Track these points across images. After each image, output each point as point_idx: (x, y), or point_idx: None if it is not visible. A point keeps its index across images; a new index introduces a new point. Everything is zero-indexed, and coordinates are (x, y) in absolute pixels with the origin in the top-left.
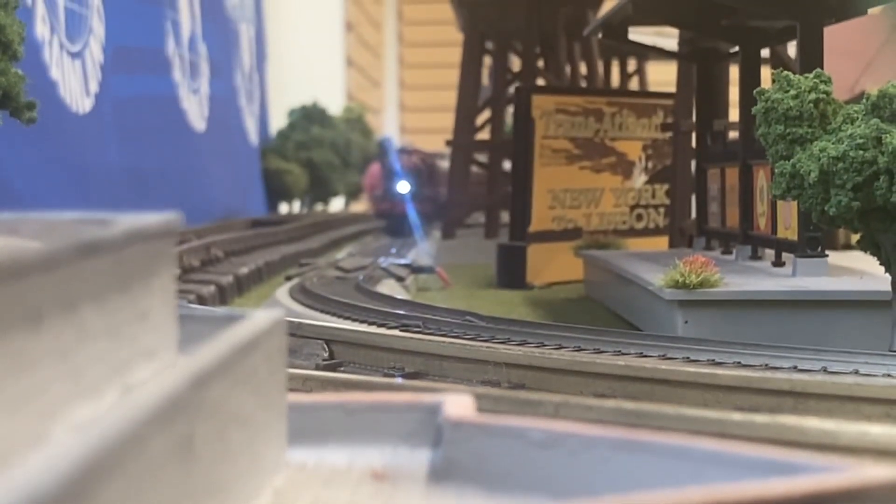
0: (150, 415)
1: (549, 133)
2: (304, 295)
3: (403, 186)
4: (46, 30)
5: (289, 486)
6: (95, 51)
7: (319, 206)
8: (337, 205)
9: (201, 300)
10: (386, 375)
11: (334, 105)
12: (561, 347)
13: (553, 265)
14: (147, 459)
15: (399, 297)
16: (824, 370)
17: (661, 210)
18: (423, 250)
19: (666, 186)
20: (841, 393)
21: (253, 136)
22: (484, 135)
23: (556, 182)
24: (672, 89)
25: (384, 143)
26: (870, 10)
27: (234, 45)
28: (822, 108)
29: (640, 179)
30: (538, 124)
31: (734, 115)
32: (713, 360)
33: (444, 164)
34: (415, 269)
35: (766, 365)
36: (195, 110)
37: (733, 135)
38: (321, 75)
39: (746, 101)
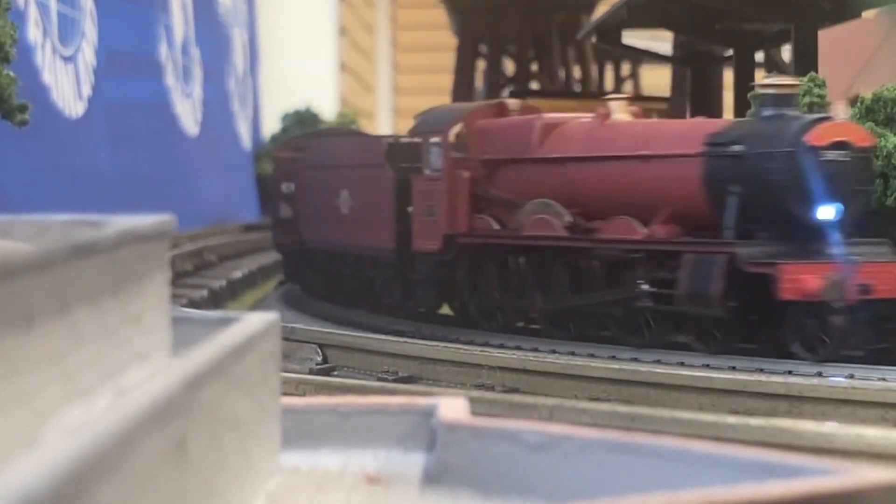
0: (142, 418)
1: None
2: (298, 300)
3: None
4: (39, 33)
5: (282, 489)
6: (88, 55)
7: None
8: None
9: (194, 305)
10: (380, 379)
11: (328, 109)
12: (555, 352)
13: None
14: (140, 462)
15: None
16: (819, 374)
17: None
18: None
19: None
20: (836, 396)
21: (246, 141)
22: None
23: None
24: (666, 93)
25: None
26: (864, 14)
27: (227, 50)
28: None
29: None
30: None
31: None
32: (707, 365)
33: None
34: None
35: (761, 369)
36: (188, 114)
37: None
38: (314, 80)
39: (740, 104)
